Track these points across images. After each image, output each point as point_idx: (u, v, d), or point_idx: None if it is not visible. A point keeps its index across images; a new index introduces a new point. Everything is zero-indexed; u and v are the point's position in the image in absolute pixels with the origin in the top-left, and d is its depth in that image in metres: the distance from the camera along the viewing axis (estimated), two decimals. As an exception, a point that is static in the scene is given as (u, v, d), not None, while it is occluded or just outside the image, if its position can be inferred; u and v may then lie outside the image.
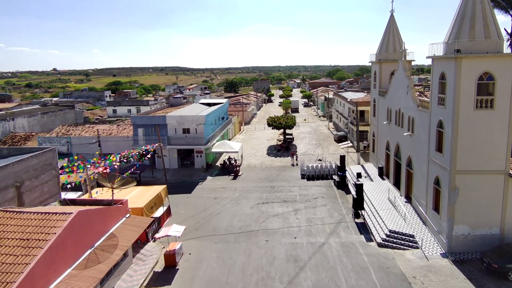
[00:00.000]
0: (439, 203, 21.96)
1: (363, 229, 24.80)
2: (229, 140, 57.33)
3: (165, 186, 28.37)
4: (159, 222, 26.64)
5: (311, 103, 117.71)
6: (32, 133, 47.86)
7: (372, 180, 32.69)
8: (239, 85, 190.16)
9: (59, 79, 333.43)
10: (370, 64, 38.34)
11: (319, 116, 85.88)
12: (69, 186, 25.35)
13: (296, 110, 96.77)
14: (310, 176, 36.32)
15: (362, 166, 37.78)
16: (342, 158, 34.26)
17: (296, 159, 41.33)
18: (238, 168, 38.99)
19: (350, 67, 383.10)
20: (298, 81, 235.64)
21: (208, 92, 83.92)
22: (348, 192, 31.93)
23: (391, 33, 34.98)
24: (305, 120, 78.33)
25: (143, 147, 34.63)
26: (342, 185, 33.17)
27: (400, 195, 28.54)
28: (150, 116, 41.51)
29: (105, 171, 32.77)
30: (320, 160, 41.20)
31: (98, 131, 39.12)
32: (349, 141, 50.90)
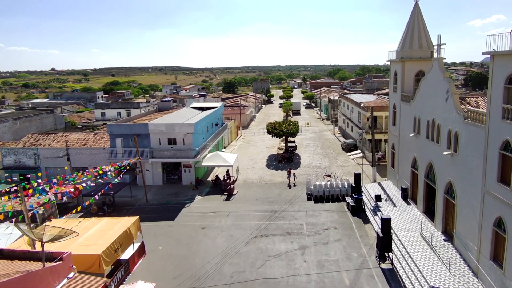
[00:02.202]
0: (501, 253, 16.03)
1: (393, 280, 18.84)
2: (225, 148, 51.49)
3: (137, 218, 22.38)
4: (127, 267, 20.70)
5: (313, 104, 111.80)
6: (5, 142, 41.82)
7: (395, 206, 26.74)
8: (238, 85, 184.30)
9: (57, 79, 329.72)
10: (388, 63, 32.38)
11: (323, 119, 79.97)
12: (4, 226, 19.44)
13: (297, 113, 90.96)
14: (318, 197, 30.36)
15: (380, 184, 31.83)
16: (357, 177, 28.31)
17: (294, 179, 34.97)
18: (232, 186, 33.04)
19: (351, 66, 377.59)
20: (299, 81, 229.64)
21: (204, 93, 77.91)
22: (366, 220, 25.96)
23: (416, 26, 29.03)
24: (307, 123, 72.41)
25: (113, 164, 28.71)
26: (357, 210, 27.24)
27: (435, 229, 22.59)
28: (129, 124, 35.55)
29: (71, 192, 27.05)
30: (329, 176, 35.22)
31: (67, 143, 33.10)
32: (359, 151, 44.93)
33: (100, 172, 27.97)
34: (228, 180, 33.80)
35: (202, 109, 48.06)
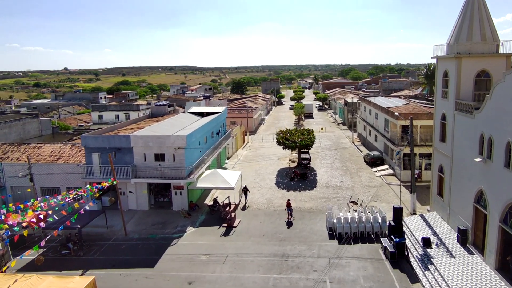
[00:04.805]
0: None
1: None
2: (228, 159, 44.86)
3: (91, 279, 15.85)
4: None
5: (326, 106, 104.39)
6: (-35, 154, 35.89)
7: (452, 255, 19.57)
8: (247, 86, 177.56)
9: (69, 78, 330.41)
10: (434, 60, 25.25)
11: (338, 124, 72.74)
12: None
13: (310, 116, 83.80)
14: (343, 235, 23.38)
15: (423, 217, 24.66)
16: (397, 212, 21.27)
17: (291, 214, 26.71)
18: (233, 215, 26.31)
19: (362, 66, 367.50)
20: (310, 80, 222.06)
21: (208, 95, 71.44)
22: (413, 277, 18.81)
23: (477, 12, 21.88)
24: (322, 129, 65.25)
25: (84, 190, 22.31)
26: (399, 259, 20.18)
27: (522, 301, 15.47)
28: (107, 136, 29.08)
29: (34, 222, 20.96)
30: (355, 203, 28.11)
31: (29, 158, 26.80)
32: (387, 166, 37.70)
33: (61, 202, 21.82)
34: (228, 208, 27.05)
35: (202, 114, 41.50)
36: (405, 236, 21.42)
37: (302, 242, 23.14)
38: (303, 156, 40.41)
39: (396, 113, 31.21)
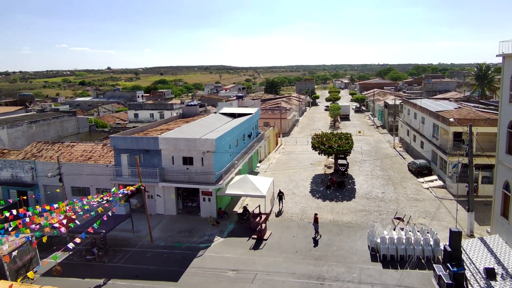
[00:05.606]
0: None
1: None
2: (260, 162, 42.98)
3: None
4: None
5: (363, 108, 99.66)
6: (4, 150, 36.78)
7: (525, 293, 16.33)
8: (281, 85, 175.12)
9: (111, 77, 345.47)
10: (500, 59, 21.71)
11: (377, 127, 68.53)
12: None
13: (346, 118, 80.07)
14: (388, 257, 20.63)
15: (483, 241, 21.26)
16: (455, 237, 18.24)
17: (317, 232, 23.93)
18: (264, 227, 24.31)
19: (401, 65, 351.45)
20: (346, 81, 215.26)
21: (241, 95, 69.95)
22: (475, 315, 15.90)
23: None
24: (359, 132, 61.64)
25: (105, 196, 21.26)
26: (456, 291, 17.23)
27: None
28: (136, 137, 28.10)
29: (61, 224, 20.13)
30: (401, 219, 25.03)
31: (58, 158, 26.35)
32: (435, 176, 34.00)
33: (86, 207, 20.92)
34: (259, 219, 25.09)
35: (233, 115, 39.91)
36: (464, 264, 18.34)
37: (340, 262, 20.68)
38: (340, 162, 37.64)
39: (451, 119, 27.66)
